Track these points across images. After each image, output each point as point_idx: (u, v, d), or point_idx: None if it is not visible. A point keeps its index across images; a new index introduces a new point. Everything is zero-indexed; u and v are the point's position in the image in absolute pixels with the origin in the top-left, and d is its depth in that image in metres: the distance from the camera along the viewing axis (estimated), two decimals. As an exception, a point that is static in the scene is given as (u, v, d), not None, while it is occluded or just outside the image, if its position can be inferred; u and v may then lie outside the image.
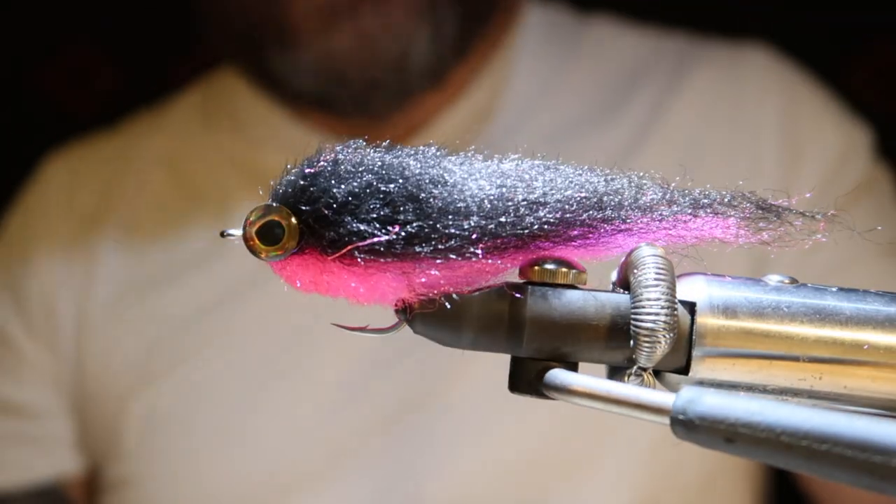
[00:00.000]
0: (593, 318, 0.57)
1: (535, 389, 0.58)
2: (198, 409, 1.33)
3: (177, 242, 1.39)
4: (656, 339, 0.55)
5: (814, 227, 0.60)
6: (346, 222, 0.56)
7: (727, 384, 0.57)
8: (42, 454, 1.38)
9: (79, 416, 1.39)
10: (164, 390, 1.34)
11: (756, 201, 0.60)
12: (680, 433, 0.51)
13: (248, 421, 1.32)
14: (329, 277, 0.57)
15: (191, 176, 1.43)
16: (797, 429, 0.47)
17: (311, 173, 0.57)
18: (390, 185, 0.57)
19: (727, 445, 0.49)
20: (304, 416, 1.31)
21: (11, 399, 1.39)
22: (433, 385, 1.28)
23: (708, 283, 0.58)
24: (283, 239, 0.57)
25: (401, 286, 0.57)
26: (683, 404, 0.50)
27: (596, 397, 0.55)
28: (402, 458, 1.27)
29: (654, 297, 0.56)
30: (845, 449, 0.46)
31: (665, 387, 0.58)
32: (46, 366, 1.39)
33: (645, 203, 0.59)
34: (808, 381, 0.57)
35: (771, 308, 0.57)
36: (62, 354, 1.38)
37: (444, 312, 0.57)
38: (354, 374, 1.30)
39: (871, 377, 0.57)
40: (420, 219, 0.56)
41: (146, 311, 1.37)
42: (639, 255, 0.57)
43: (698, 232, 0.60)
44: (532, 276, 0.58)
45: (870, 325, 0.57)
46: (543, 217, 0.57)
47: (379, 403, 1.29)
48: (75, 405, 1.39)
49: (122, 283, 1.39)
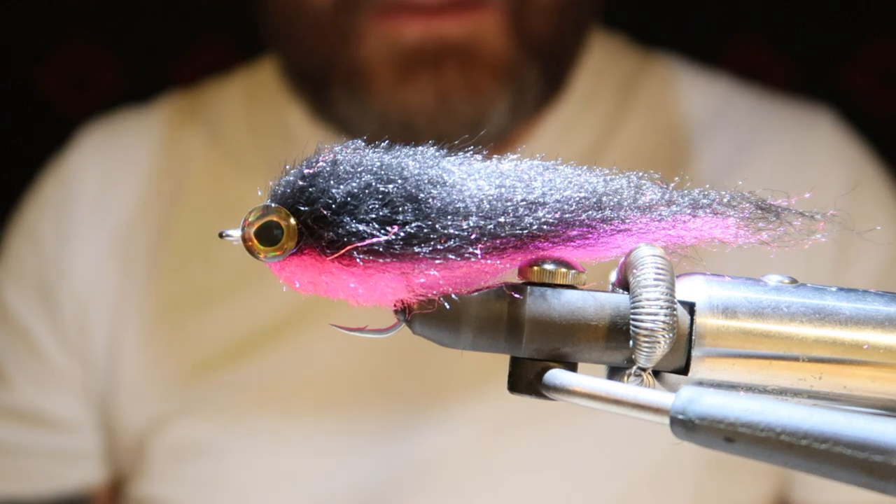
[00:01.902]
0: (592, 318, 0.57)
1: (535, 390, 0.58)
2: (234, 441, 1.30)
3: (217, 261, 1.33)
4: (656, 339, 0.55)
5: (813, 227, 0.60)
6: (345, 223, 0.56)
7: (727, 384, 0.57)
8: (68, 464, 1.36)
9: (107, 431, 1.36)
10: (199, 419, 1.30)
11: (755, 201, 0.60)
12: (679, 433, 0.50)
13: (282, 457, 1.29)
14: (328, 278, 0.57)
15: (233, 180, 1.36)
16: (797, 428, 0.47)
17: (309, 174, 0.57)
18: (389, 186, 0.57)
19: (727, 445, 0.49)
20: (342, 457, 1.28)
21: (38, 409, 1.36)
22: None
23: (707, 284, 0.58)
24: (282, 240, 0.56)
25: (400, 287, 0.57)
26: (683, 404, 0.50)
27: (595, 398, 0.55)
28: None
29: (653, 297, 0.55)
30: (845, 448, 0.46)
31: (665, 387, 0.58)
32: (75, 377, 1.35)
33: (644, 203, 0.59)
34: (807, 381, 0.57)
35: (770, 308, 0.57)
36: (93, 368, 1.34)
37: (443, 313, 0.57)
38: (398, 416, 1.27)
39: (871, 377, 0.57)
40: (419, 219, 0.56)
41: (185, 334, 1.33)
42: (638, 255, 0.57)
43: (698, 232, 0.59)
44: (531, 276, 0.58)
45: (870, 325, 0.57)
46: (542, 217, 0.57)
47: (422, 447, 1.26)
48: (104, 419, 1.36)
49: (161, 300, 1.34)
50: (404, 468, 1.26)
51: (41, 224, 1.39)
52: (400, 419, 1.28)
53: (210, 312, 1.33)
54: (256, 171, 1.34)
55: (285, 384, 1.30)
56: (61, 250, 1.37)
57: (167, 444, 1.32)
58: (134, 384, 1.33)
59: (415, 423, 1.27)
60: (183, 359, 1.32)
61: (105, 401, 1.35)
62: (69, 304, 1.35)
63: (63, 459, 1.36)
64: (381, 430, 1.27)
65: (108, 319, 1.34)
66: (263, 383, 1.30)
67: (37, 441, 1.36)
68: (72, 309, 1.35)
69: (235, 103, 1.42)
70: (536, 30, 1.23)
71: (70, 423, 1.36)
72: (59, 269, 1.36)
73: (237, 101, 1.43)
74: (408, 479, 1.26)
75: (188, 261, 1.35)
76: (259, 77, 1.44)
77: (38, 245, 1.38)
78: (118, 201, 1.38)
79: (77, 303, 1.35)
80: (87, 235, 1.37)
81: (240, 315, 1.32)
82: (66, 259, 1.36)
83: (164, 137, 1.41)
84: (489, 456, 1.26)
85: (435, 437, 1.26)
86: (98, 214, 1.38)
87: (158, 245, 1.36)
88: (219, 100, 1.44)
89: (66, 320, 1.35)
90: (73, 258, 1.36)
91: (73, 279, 1.36)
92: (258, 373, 1.30)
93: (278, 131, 1.38)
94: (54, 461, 1.36)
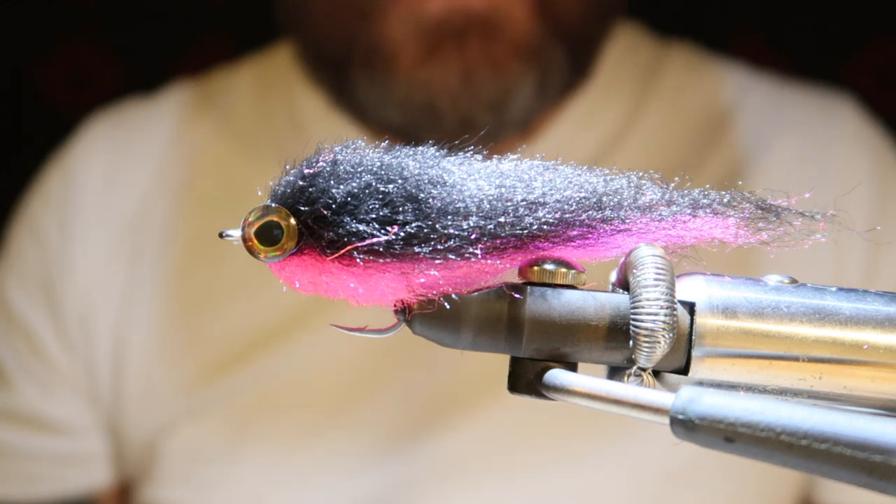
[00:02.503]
0: (593, 318, 0.57)
1: (535, 390, 0.58)
2: (244, 444, 1.28)
3: (228, 256, 1.29)
4: (656, 339, 0.55)
5: (813, 227, 0.60)
6: (345, 223, 0.56)
7: (727, 384, 0.57)
8: (71, 467, 1.35)
9: (113, 434, 1.34)
10: (211, 424, 1.29)
11: (755, 201, 0.60)
12: (679, 433, 0.51)
13: (293, 461, 1.27)
14: (328, 278, 0.57)
15: (243, 171, 1.33)
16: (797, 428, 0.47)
17: (309, 174, 0.57)
18: (389, 186, 0.57)
19: (727, 445, 0.49)
20: (353, 461, 1.27)
21: (41, 412, 1.34)
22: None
23: (707, 284, 0.58)
24: (282, 240, 0.56)
25: (400, 287, 0.57)
26: (683, 404, 0.50)
27: (595, 398, 0.55)
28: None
29: (653, 297, 0.55)
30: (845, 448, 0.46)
31: (665, 387, 0.58)
32: (79, 378, 1.33)
33: (644, 203, 0.59)
34: (807, 381, 0.57)
35: (770, 308, 0.57)
36: (98, 370, 1.32)
37: (443, 313, 0.57)
38: (410, 417, 1.26)
39: (871, 377, 0.57)
40: (419, 219, 0.56)
41: (195, 333, 1.30)
42: (638, 255, 0.57)
43: (698, 232, 0.59)
44: (531, 276, 0.58)
45: (869, 325, 0.57)
46: (542, 217, 0.57)
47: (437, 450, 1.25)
48: (109, 422, 1.34)
49: (168, 301, 1.32)
50: (415, 472, 1.25)
51: (44, 218, 1.36)
52: (410, 423, 1.26)
53: (221, 310, 1.31)
54: (267, 162, 1.30)
55: (295, 386, 1.28)
56: (65, 245, 1.34)
57: (176, 447, 1.30)
58: (141, 386, 1.31)
59: (426, 426, 1.26)
60: (193, 359, 1.30)
61: (111, 403, 1.33)
62: (73, 303, 1.32)
63: (66, 462, 1.35)
64: (391, 434, 1.26)
65: (113, 318, 1.32)
66: (273, 385, 1.29)
67: (39, 444, 1.34)
68: (75, 308, 1.32)
69: (246, 91, 1.40)
70: (564, 9, 1.21)
71: (73, 425, 1.34)
72: (62, 266, 1.33)
73: (248, 89, 1.40)
74: (418, 483, 1.25)
75: (197, 256, 1.32)
76: (270, 65, 1.41)
77: (40, 240, 1.35)
78: (124, 194, 1.35)
79: (81, 301, 1.32)
80: (91, 230, 1.34)
81: (251, 312, 1.30)
82: (70, 255, 1.33)
83: (173, 127, 1.38)
84: (500, 459, 1.26)
85: (446, 440, 1.25)
86: (103, 208, 1.35)
87: (166, 239, 1.33)
88: (228, 88, 1.41)
89: (70, 320, 1.33)
90: (76, 254, 1.33)
91: (77, 276, 1.33)
92: (268, 374, 1.29)
93: (289, 120, 1.35)
94: (57, 464, 1.35)
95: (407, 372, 1.27)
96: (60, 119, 1.50)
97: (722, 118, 1.34)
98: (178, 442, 1.30)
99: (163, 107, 1.40)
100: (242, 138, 1.36)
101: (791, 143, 1.33)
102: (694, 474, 1.26)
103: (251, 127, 1.36)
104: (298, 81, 1.35)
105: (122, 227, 1.34)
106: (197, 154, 1.36)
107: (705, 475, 1.26)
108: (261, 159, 1.33)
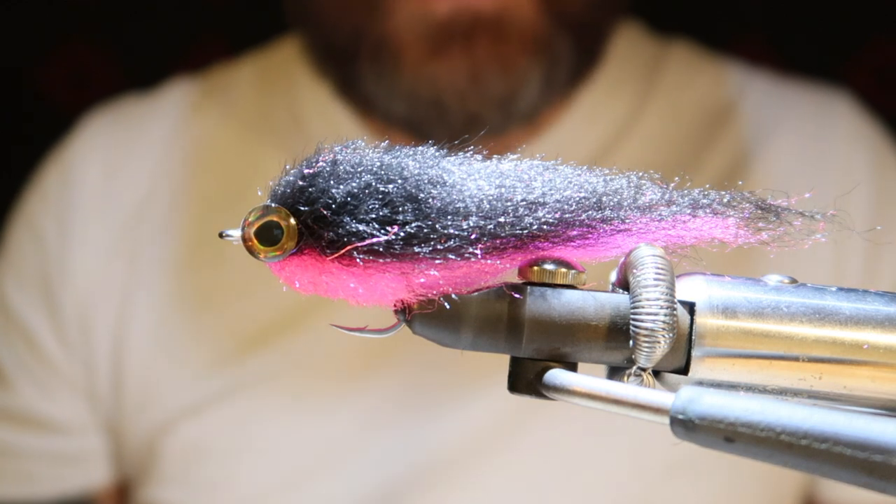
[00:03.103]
0: (592, 318, 0.57)
1: (535, 390, 0.58)
2: (247, 443, 1.28)
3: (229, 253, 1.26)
4: (655, 339, 0.55)
5: (813, 227, 0.60)
6: (345, 223, 0.56)
7: (727, 384, 0.57)
8: (70, 467, 1.35)
9: (112, 433, 1.34)
10: (211, 421, 1.28)
11: (755, 201, 0.60)
12: (679, 433, 0.51)
13: (299, 460, 1.27)
14: (328, 278, 0.57)
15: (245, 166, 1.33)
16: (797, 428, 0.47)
17: (309, 174, 0.57)
18: (389, 186, 0.57)
19: (727, 445, 0.49)
20: (357, 453, 1.26)
21: (39, 411, 1.33)
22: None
23: (707, 283, 0.58)
24: (282, 240, 0.56)
25: (400, 287, 0.57)
26: (683, 404, 0.50)
27: (595, 397, 0.55)
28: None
29: (653, 297, 0.55)
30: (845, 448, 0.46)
31: (665, 387, 0.58)
32: (77, 378, 1.32)
33: (644, 203, 0.59)
34: (807, 381, 0.57)
35: (770, 308, 0.57)
36: (97, 369, 1.32)
37: (443, 313, 0.57)
38: (411, 413, 1.26)
39: (871, 377, 0.57)
40: (419, 219, 0.56)
41: (195, 331, 1.30)
42: (638, 255, 0.57)
43: (697, 232, 0.59)
44: (531, 276, 0.58)
45: (869, 325, 0.57)
46: (542, 217, 0.57)
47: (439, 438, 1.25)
48: (108, 421, 1.33)
49: (167, 299, 1.31)
50: (420, 462, 1.25)
51: (42, 216, 1.35)
52: (415, 412, 1.26)
53: (222, 307, 1.30)
54: (269, 157, 1.30)
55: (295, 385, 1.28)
56: (63, 243, 1.33)
57: (176, 446, 1.29)
58: (141, 385, 1.31)
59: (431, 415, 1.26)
60: (192, 358, 1.30)
61: (109, 402, 1.32)
62: (72, 301, 1.32)
63: (65, 462, 1.34)
64: (396, 424, 1.26)
65: (112, 316, 1.31)
66: (273, 384, 1.28)
67: (38, 444, 1.34)
68: (74, 306, 1.32)
69: (248, 86, 1.39)
70: (569, 1, 1.21)
71: (71, 425, 1.34)
72: (61, 264, 1.33)
73: (250, 84, 1.39)
74: (424, 473, 1.25)
75: (198, 253, 1.32)
76: (272, 60, 1.41)
77: (39, 238, 1.34)
78: (123, 190, 1.34)
79: (80, 299, 1.32)
80: (90, 227, 1.33)
81: (251, 309, 1.29)
82: (69, 253, 1.33)
83: (173, 123, 1.38)
84: (506, 446, 1.26)
85: (452, 427, 1.25)
86: (102, 204, 1.34)
87: (166, 236, 1.33)
88: (230, 83, 1.40)
89: (69, 318, 1.32)
90: (75, 252, 1.33)
91: (76, 274, 1.32)
92: (268, 373, 1.28)
93: (292, 114, 1.35)
94: (56, 464, 1.34)
95: (406, 368, 1.27)
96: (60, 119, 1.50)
97: (722, 114, 1.35)
98: (178, 442, 1.29)
99: (162, 102, 1.40)
100: (244, 133, 1.35)
101: (790, 139, 1.33)
102: (695, 465, 1.26)
103: (253, 122, 1.36)
104: (301, 76, 1.35)
105: (122, 223, 1.33)
106: (198, 149, 1.36)
107: (707, 466, 1.26)
108: (263, 154, 1.32)
